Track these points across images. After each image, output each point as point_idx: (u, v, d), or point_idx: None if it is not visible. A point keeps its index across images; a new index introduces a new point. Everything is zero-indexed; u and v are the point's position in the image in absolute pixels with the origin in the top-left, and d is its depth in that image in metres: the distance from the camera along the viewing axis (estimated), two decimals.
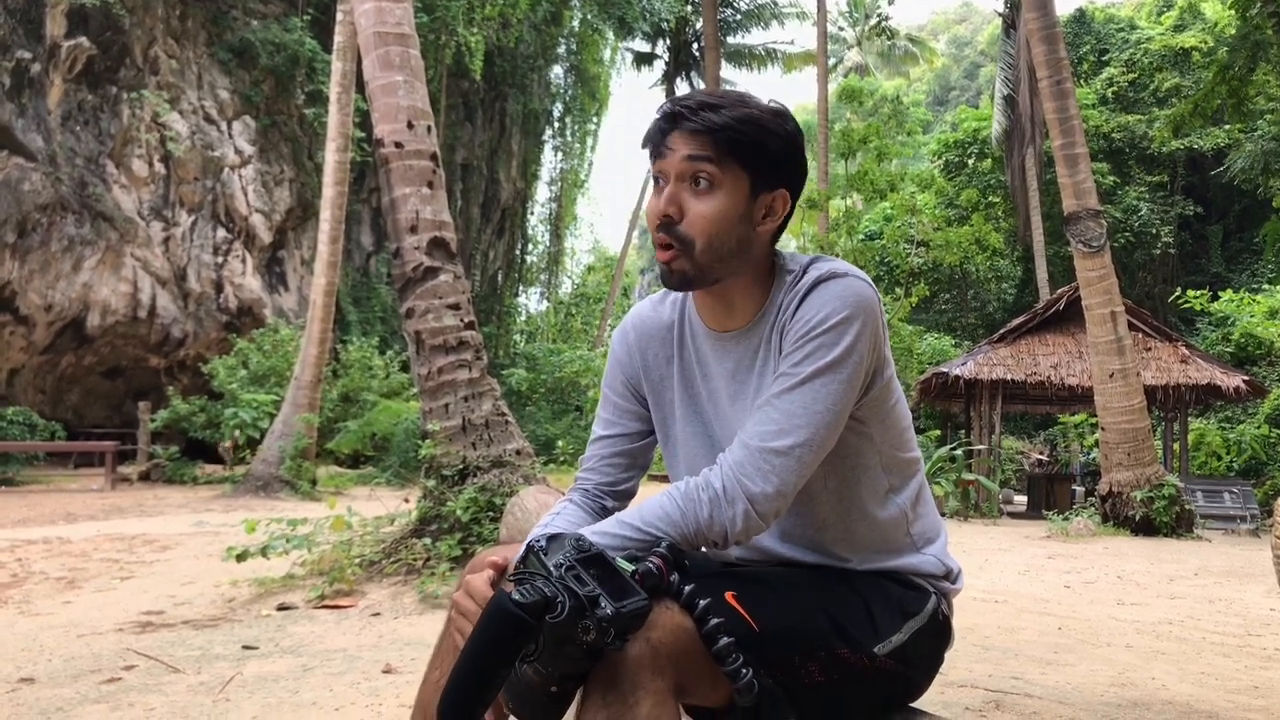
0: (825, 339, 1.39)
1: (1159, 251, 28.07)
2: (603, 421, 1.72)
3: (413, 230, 6.57)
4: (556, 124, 36.16)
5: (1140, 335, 15.30)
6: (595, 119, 37.07)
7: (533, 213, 36.46)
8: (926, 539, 1.60)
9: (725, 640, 1.24)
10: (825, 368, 1.39)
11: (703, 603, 1.25)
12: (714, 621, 1.24)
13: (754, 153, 1.43)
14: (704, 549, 1.42)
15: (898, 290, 24.80)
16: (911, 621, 1.50)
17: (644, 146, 1.50)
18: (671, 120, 1.44)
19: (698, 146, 1.41)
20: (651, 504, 1.39)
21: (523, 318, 37.48)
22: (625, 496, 1.71)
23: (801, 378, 1.39)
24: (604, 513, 1.65)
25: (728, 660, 1.24)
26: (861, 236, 28.21)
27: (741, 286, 1.50)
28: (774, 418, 1.39)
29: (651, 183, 1.52)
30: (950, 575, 1.62)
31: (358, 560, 5.84)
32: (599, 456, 1.70)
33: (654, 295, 1.72)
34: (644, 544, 1.33)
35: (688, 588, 1.26)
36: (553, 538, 1.24)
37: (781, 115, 1.47)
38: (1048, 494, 17.03)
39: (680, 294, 1.64)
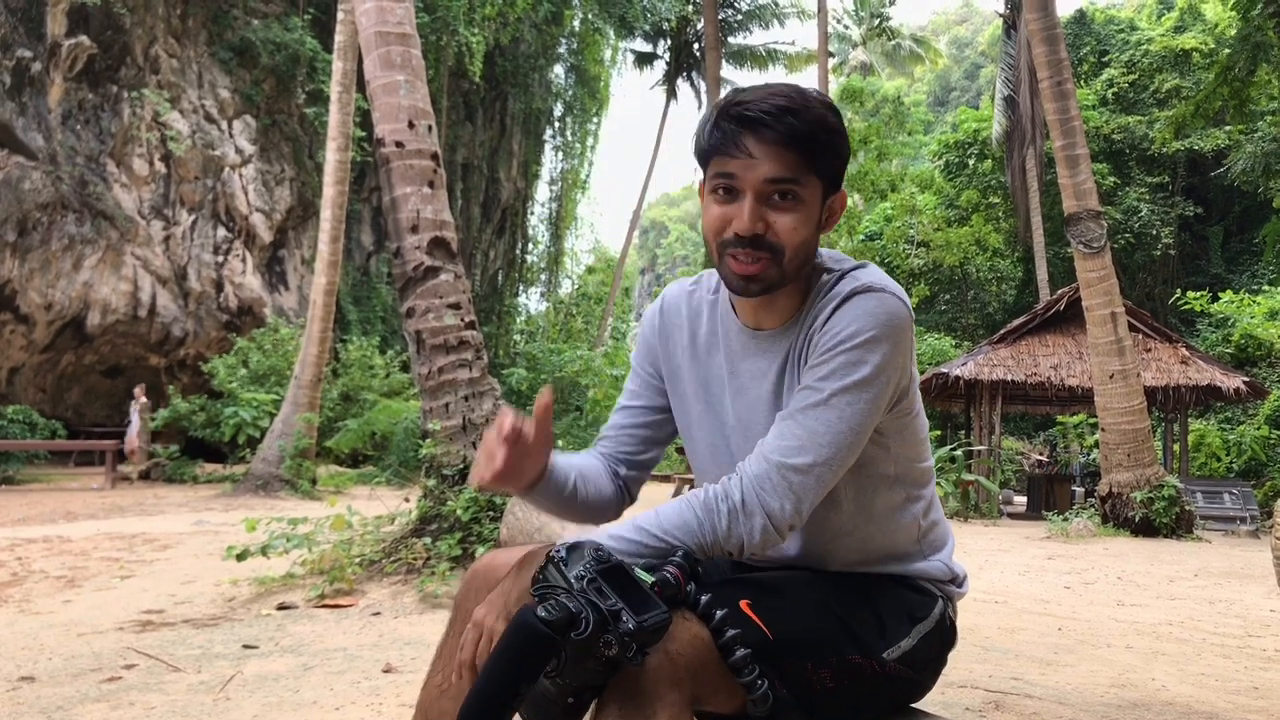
0: (852, 356, 1.36)
1: (1159, 252, 28.08)
2: (629, 392, 1.73)
3: (413, 230, 6.57)
4: (557, 124, 36.16)
5: (1140, 336, 15.31)
6: (596, 119, 37.06)
7: (533, 212, 36.46)
8: (935, 547, 1.61)
9: (742, 652, 1.24)
10: (851, 386, 1.36)
11: (719, 614, 1.26)
12: (731, 633, 1.25)
13: (830, 159, 1.41)
14: (718, 557, 1.43)
15: None
16: (919, 626, 1.51)
17: (705, 144, 1.43)
18: (748, 124, 1.37)
19: (779, 163, 1.36)
20: (669, 511, 1.38)
21: (523, 317, 37.46)
22: (640, 468, 1.72)
23: (826, 394, 1.37)
24: (616, 478, 1.68)
25: (744, 672, 1.25)
26: (862, 236, 28.25)
27: (787, 287, 1.47)
28: (796, 434, 1.37)
29: (704, 182, 1.46)
30: (956, 580, 1.63)
31: (358, 559, 5.84)
32: (620, 425, 1.72)
33: (687, 278, 1.70)
34: (660, 552, 1.33)
35: (704, 598, 1.27)
36: (572, 547, 1.24)
37: (834, 108, 1.43)
38: (1047, 495, 17.03)
39: (709, 285, 1.63)
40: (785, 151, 1.36)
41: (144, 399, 17.43)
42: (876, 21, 40.38)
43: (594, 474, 1.64)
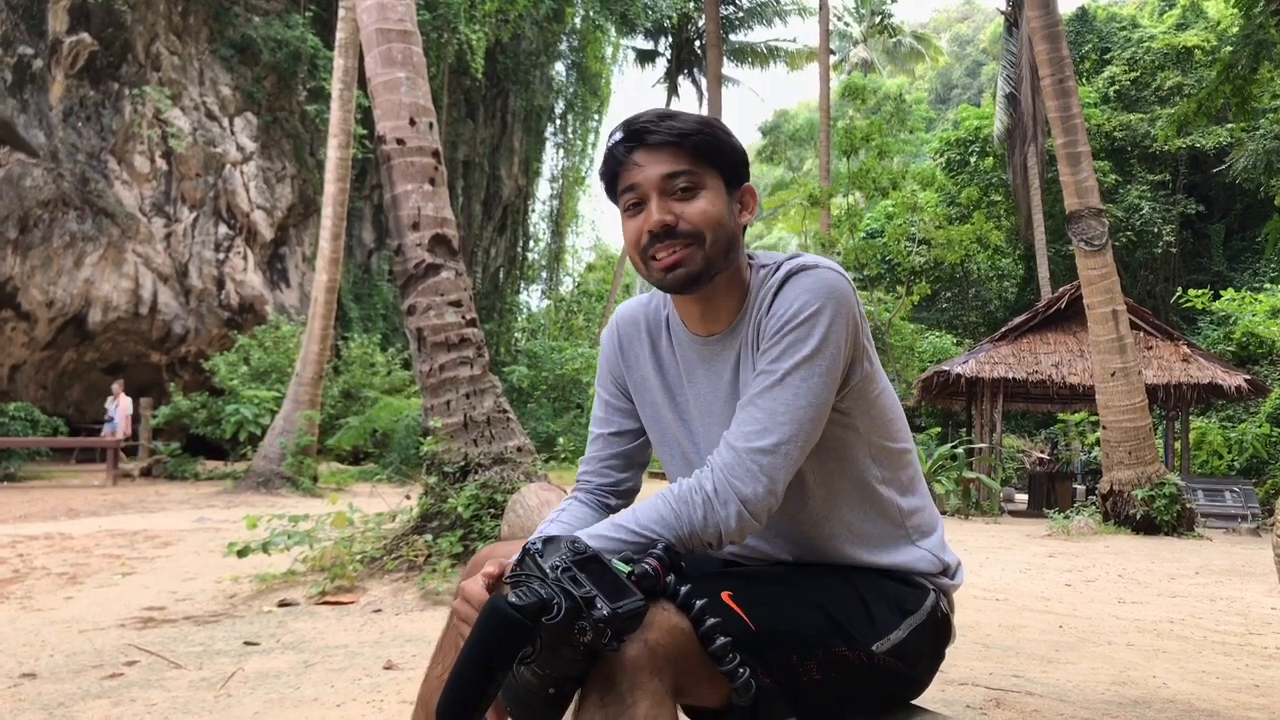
0: (799, 332, 1.40)
1: (1161, 250, 28.06)
2: (598, 420, 1.74)
3: (414, 227, 6.57)
4: (558, 121, 36.15)
5: (1142, 334, 15.29)
6: (597, 116, 37.05)
7: (534, 210, 36.47)
8: (921, 531, 1.60)
9: (722, 640, 1.24)
10: (802, 361, 1.39)
11: (699, 603, 1.26)
12: (710, 622, 1.25)
13: (719, 152, 1.48)
14: (699, 549, 1.43)
15: (899, 288, 24.83)
16: (910, 619, 1.51)
17: (605, 173, 1.52)
18: (635, 137, 1.46)
19: (671, 160, 1.45)
20: (646, 506, 1.39)
21: (524, 315, 37.47)
22: (627, 495, 1.73)
23: (780, 374, 1.40)
24: (608, 510, 1.68)
25: (724, 660, 1.25)
26: (863, 234, 28.19)
27: (725, 286, 1.52)
28: (757, 417, 1.39)
29: (623, 207, 1.53)
30: (948, 571, 1.62)
31: (359, 557, 5.84)
32: (597, 458, 1.72)
33: (642, 295, 1.74)
34: (639, 546, 1.34)
35: (684, 588, 1.27)
36: (549, 540, 1.24)
37: (722, 124, 1.52)
38: (1049, 492, 17.04)
39: (663, 299, 1.66)
40: (676, 150, 1.45)
41: (125, 395, 17.38)
42: (878, 19, 40.29)
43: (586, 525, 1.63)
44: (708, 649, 1.25)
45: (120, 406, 17.34)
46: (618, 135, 1.48)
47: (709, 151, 1.46)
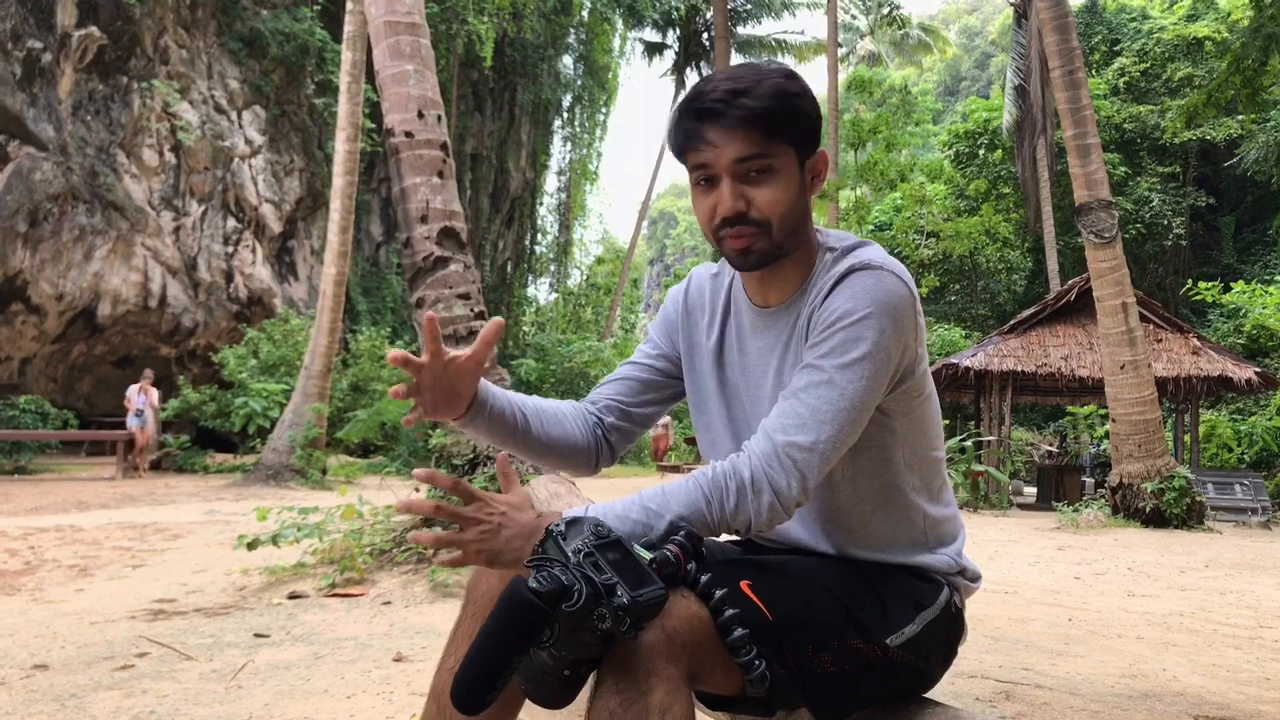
0: (850, 333, 1.38)
1: (1170, 243, 27.95)
2: (637, 353, 1.77)
3: (423, 220, 6.58)
4: (566, 114, 36.16)
5: (1151, 327, 15.24)
6: (604, 109, 37.02)
7: (542, 203, 36.49)
8: (942, 541, 1.60)
9: (740, 632, 1.24)
10: (850, 363, 1.38)
11: (718, 593, 1.26)
12: (729, 613, 1.25)
13: (794, 125, 1.43)
14: (724, 535, 1.43)
15: None
16: (924, 613, 1.51)
17: (674, 144, 1.48)
18: (704, 116, 1.41)
19: (744, 142, 1.40)
20: (676, 489, 1.38)
21: (532, 308, 37.50)
22: (631, 420, 1.74)
23: (827, 371, 1.38)
24: (599, 426, 1.72)
25: (741, 652, 1.25)
26: (871, 227, 28.19)
27: (790, 261, 1.51)
28: (798, 411, 1.38)
29: (693, 181, 1.51)
30: (966, 573, 1.62)
31: (368, 549, 5.85)
32: (618, 377, 1.75)
33: (711, 264, 1.74)
34: (665, 530, 1.34)
35: (704, 577, 1.27)
36: (572, 522, 1.24)
37: (793, 75, 1.46)
38: (1058, 485, 16.98)
39: (731, 269, 1.66)
40: (747, 131, 1.40)
41: (153, 388, 17.26)
42: (886, 11, 40.15)
43: (557, 415, 1.67)
44: (725, 639, 1.25)
45: (149, 399, 16.69)
46: (689, 109, 1.43)
47: (782, 128, 1.42)
